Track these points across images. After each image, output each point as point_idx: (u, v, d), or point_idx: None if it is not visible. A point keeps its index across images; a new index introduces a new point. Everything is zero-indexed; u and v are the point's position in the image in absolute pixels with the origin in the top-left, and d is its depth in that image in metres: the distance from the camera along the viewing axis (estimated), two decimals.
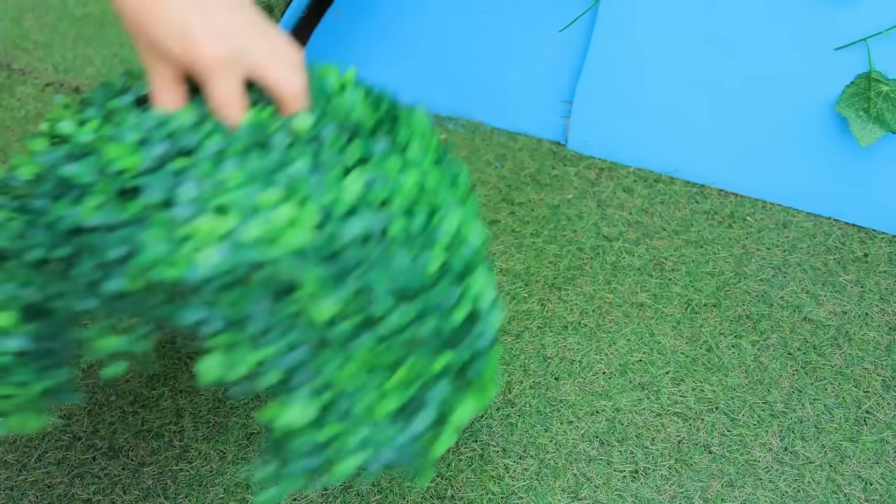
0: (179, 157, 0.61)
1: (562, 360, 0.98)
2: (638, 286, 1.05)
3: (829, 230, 1.10)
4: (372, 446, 0.64)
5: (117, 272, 0.60)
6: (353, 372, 0.62)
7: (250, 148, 0.62)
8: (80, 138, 0.62)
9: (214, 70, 0.60)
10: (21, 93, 1.33)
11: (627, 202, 1.14)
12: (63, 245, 0.61)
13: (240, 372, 0.61)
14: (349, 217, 0.62)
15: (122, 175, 0.60)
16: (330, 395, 0.62)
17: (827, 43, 1.03)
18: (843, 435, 0.91)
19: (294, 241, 0.60)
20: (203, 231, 0.59)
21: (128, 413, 0.94)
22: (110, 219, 0.60)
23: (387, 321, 0.62)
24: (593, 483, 0.87)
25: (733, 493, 0.86)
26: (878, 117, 1.01)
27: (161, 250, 0.59)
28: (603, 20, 1.10)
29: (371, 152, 0.66)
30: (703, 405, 0.93)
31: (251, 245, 0.59)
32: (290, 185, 0.61)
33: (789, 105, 1.08)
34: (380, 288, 0.62)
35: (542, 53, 1.16)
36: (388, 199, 0.64)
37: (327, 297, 0.60)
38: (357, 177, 0.63)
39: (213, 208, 0.60)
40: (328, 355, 0.61)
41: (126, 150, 0.61)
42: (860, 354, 0.98)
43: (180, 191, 0.60)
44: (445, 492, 0.87)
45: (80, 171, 0.61)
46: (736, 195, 1.15)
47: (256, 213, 0.59)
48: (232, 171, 0.60)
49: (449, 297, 0.65)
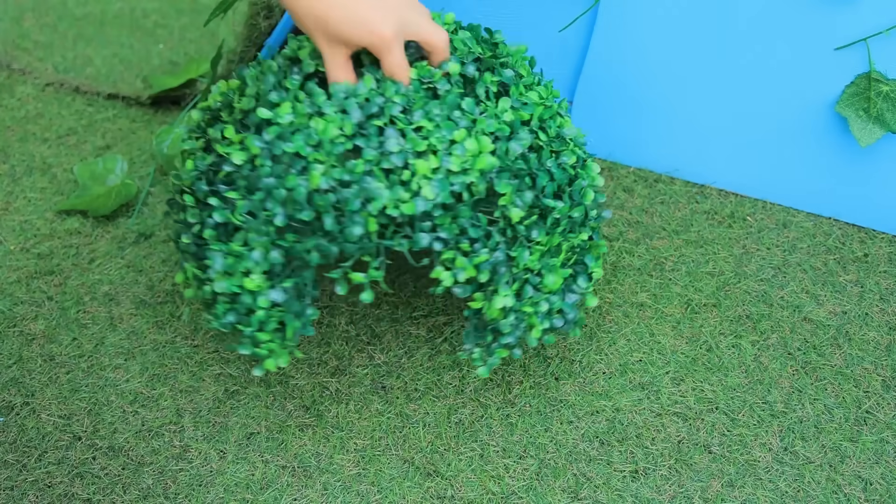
0: (374, 118, 0.77)
1: (562, 360, 0.98)
2: (638, 286, 1.05)
3: (829, 230, 1.10)
4: (551, 314, 0.85)
5: (357, 220, 0.75)
6: (535, 259, 0.82)
7: (427, 98, 0.79)
8: (282, 119, 0.77)
9: (390, 46, 0.75)
10: (21, 93, 1.33)
11: (627, 202, 1.14)
12: (303, 209, 0.76)
13: (464, 277, 0.79)
14: (512, 139, 0.80)
15: (334, 142, 0.75)
16: (519, 282, 0.82)
17: (827, 43, 1.03)
18: (843, 435, 0.91)
19: (485, 165, 0.78)
20: (419, 172, 0.76)
21: (128, 413, 0.94)
22: (342, 178, 0.75)
23: (553, 214, 0.82)
24: (593, 483, 0.87)
25: (733, 493, 0.86)
26: (878, 117, 1.01)
27: (390, 194, 0.75)
28: (603, 20, 1.10)
29: (502, 79, 0.84)
30: (703, 405, 0.93)
31: (456, 174, 0.77)
32: (468, 121, 0.79)
33: (789, 105, 1.08)
34: (547, 188, 0.82)
35: (541, 53, 1.16)
36: (531, 114, 0.83)
37: (516, 202, 0.80)
38: (505, 105, 0.81)
39: (420, 152, 0.77)
40: (518, 250, 0.80)
41: (332, 122, 0.76)
42: (860, 354, 0.98)
43: (388, 144, 0.76)
44: (445, 492, 0.87)
45: (298, 145, 0.76)
46: (736, 195, 1.15)
47: (451, 149, 0.77)
48: (422, 121, 0.77)
49: (582, 187, 0.86)
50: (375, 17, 0.74)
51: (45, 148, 1.24)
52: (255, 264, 0.78)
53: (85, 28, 1.45)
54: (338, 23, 0.74)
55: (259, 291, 0.79)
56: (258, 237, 0.78)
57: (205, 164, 0.82)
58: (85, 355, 0.99)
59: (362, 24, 0.74)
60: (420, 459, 0.89)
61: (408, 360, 0.98)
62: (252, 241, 0.78)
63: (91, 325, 1.02)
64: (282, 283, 0.79)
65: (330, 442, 0.91)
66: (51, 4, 1.51)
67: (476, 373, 0.91)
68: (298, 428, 0.92)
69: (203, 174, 0.82)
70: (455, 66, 0.80)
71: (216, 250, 0.79)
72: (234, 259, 0.79)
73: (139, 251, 1.10)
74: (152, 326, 1.02)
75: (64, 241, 1.11)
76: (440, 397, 0.95)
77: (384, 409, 0.94)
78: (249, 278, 0.79)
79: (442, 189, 0.76)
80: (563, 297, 0.86)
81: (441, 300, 1.04)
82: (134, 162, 1.22)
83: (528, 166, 0.81)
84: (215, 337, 1.00)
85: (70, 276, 1.07)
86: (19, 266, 1.08)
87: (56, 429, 0.93)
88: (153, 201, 1.17)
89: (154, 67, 1.37)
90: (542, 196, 0.82)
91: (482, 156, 0.77)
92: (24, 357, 0.99)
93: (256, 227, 0.77)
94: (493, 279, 0.81)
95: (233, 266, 0.79)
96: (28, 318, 1.03)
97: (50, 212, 1.15)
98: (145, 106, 1.31)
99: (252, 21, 1.16)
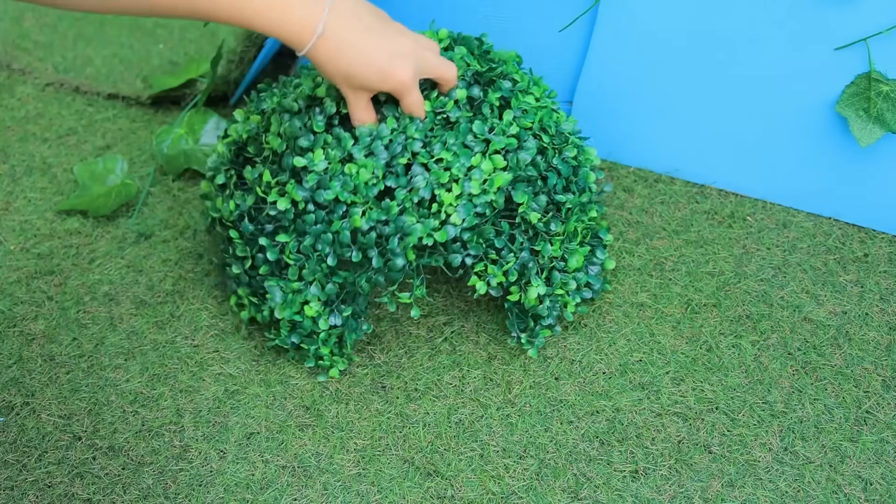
0: (399, 157, 0.87)
1: (562, 359, 0.98)
2: (638, 286, 1.05)
3: (829, 230, 1.10)
4: (580, 288, 0.98)
5: (398, 252, 0.86)
6: (557, 248, 0.92)
7: (442, 129, 0.89)
8: (317, 167, 0.87)
9: (409, 88, 0.83)
10: (21, 93, 1.33)
11: (627, 202, 1.14)
12: (351, 250, 0.87)
13: (496, 282, 0.91)
14: (520, 149, 0.90)
15: (368, 185, 0.86)
16: (546, 270, 0.93)
17: (827, 43, 1.03)
18: (843, 435, 0.91)
19: (501, 182, 0.88)
20: (446, 202, 0.86)
21: (128, 413, 0.94)
22: (380, 218, 0.86)
23: (566, 205, 0.92)
24: (593, 483, 0.87)
25: (733, 493, 0.86)
26: (878, 117, 1.01)
27: (422, 228, 0.86)
28: (603, 20, 1.10)
29: (503, 91, 0.93)
30: (703, 405, 0.93)
31: (477, 196, 0.87)
32: (480, 144, 0.89)
33: (789, 105, 1.08)
34: (557, 185, 0.92)
35: (541, 53, 1.16)
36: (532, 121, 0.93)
37: (533, 206, 0.90)
38: (509, 118, 0.91)
39: (443, 184, 0.87)
40: (541, 244, 0.91)
41: (364, 166, 0.86)
42: (860, 354, 0.98)
43: (415, 181, 0.86)
44: (445, 492, 0.87)
45: (337, 192, 0.86)
46: (736, 195, 1.15)
47: (470, 174, 0.87)
48: (442, 152, 0.87)
49: (586, 172, 0.96)
50: (395, 65, 0.81)
51: (45, 148, 1.24)
52: (313, 296, 0.89)
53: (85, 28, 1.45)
54: (362, 75, 0.81)
55: (318, 316, 0.91)
56: (312, 274, 0.89)
57: (247, 204, 0.91)
58: (85, 355, 0.99)
59: (384, 73, 0.81)
60: (420, 459, 0.89)
61: (408, 360, 0.98)
62: (307, 276, 0.89)
63: (91, 325, 1.02)
64: (339, 309, 0.91)
65: (330, 442, 0.91)
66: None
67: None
68: (298, 428, 0.92)
69: (245, 213, 0.92)
70: (462, 92, 0.90)
71: (274, 285, 0.90)
72: (294, 293, 0.90)
73: (139, 251, 1.10)
74: (152, 326, 1.02)
75: (64, 241, 1.11)
76: (440, 397, 0.95)
77: (384, 409, 0.94)
78: (309, 307, 0.90)
79: (467, 213, 0.86)
80: (586, 271, 0.98)
81: (441, 300, 1.04)
82: (134, 162, 1.22)
83: (537, 171, 0.90)
84: (274, 350, 1.00)
85: (70, 276, 1.07)
86: (19, 266, 1.08)
87: (56, 429, 0.93)
88: (153, 201, 1.17)
89: (154, 67, 1.37)
90: (553, 193, 0.92)
91: (497, 174, 0.88)
92: (24, 357, 0.99)
93: (311, 266, 0.88)
94: (523, 273, 0.91)
95: (292, 299, 0.90)
96: (28, 318, 1.03)
97: (50, 212, 1.15)
98: (145, 106, 1.31)
99: None
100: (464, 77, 0.92)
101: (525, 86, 0.95)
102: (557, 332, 0.98)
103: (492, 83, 0.94)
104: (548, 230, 0.92)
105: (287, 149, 0.90)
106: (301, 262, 0.89)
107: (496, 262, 0.91)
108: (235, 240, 0.93)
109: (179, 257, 1.09)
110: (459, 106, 0.90)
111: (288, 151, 0.90)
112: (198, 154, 1.19)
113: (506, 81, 0.94)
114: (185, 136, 1.20)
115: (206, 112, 1.22)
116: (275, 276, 0.91)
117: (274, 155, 0.92)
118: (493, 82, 0.94)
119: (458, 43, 0.97)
